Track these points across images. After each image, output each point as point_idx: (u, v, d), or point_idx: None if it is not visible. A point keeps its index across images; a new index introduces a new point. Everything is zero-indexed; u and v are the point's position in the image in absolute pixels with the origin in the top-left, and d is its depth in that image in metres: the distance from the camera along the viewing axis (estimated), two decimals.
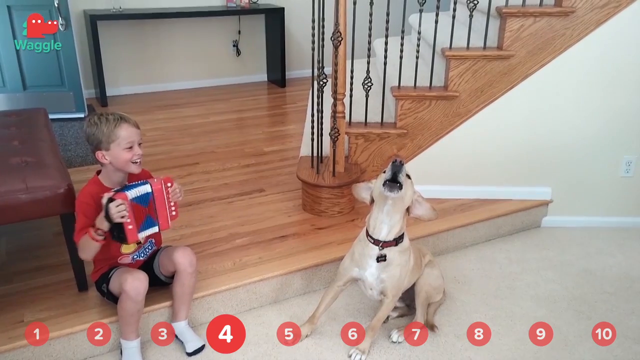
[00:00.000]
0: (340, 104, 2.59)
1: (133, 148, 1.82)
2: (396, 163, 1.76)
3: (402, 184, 1.76)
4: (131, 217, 1.74)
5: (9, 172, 1.95)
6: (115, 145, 1.80)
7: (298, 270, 2.28)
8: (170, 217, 1.88)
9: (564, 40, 2.57)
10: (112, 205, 1.69)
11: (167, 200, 1.85)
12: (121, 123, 1.80)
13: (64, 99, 4.12)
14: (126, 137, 1.80)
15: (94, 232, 1.75)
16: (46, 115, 2.72)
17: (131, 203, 1.73)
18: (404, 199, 1.81)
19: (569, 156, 2.80)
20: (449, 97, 2.67)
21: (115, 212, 1.69)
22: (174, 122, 4.15)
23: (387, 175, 1.77)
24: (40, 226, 2.51)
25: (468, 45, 2.63)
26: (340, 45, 2.45)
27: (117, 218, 1.70)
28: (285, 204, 2.80)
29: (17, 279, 2.16)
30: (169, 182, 1.84)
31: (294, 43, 5.38)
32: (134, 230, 1.76)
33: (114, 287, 1.88)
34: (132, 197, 1.74)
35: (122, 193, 1.72)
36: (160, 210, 1.83)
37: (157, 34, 4.86)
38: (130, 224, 1.74)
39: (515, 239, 2.81)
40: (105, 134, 1.79)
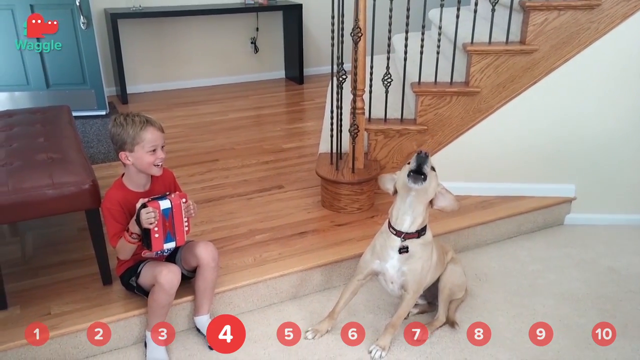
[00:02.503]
0: (360, 100, 2.59)
1: (156, 151, 1.84)
2: (421, 154, 1.76)
3: (426, 175, 1.75)
4: (159, 227, 1.77)
5: (36, 168, 1.99)
6: (139, 148, 1.82)
7: (318, 266, 2.28)
8: (185, 232, 1.88)
9: (589, 34, 2.53)
10: (143, 212, 1.73)
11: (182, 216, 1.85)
12: (147, 126, 1.82)
13: (86, 96, 4.17)
14: (151, 140, 1.82)
15: (130, 235, 1.80)
16: (70, 112, 2.77)
17: (161, 213, 1.76)
18: (428, 190, 1.80)
19: (594, 153, 2.76)
20: (470, 92, 2.65)
21: (145, 219, 1.73)
22: (193, 119, 4.18)
23: (412, 166, 1.76)
24: (65, 222, 2.55)
25: (490, 39, 2.60)
26: (360, 41, 2.45)
27: (145, 224, 1.74)
28: (305, 201, 2.80)
29: (43, 273, 2.20)
30: (183, 198, 1.85)
31: (312, 40, 5.38)
32: (160, 239, 1.79)
33: (145, 280, 1.91)
34: (163, 207, 1.77)
35: (155, 202, 1.76)
36: (178, 225, 1.84)
37: (176, 32, 4.90)
38: (157, 232, 1.78)
39: (538, 237, 2.78)
40: (130, 135, 1.81)
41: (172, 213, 1.80)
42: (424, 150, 1.78)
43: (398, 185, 1.86)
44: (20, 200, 1.87)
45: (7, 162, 2.04)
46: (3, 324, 1.91)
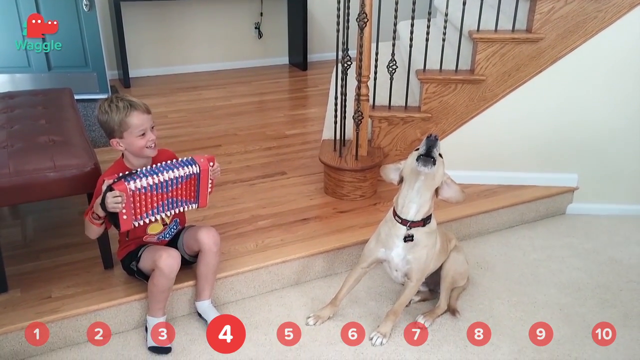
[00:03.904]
0: (365, 87, 2.57)
1: (146, 134, 1.81)
2: (431, 138, 1.75)
3: (435, 159, 1.75)
4: (127, 207, 1.70)
5: (37, 151, 1.98)
6: (127, 134, 1.80)
7: (320, 252, 2.28)
8: (207, 194, 1.89)
9: (596, 23, 2.50)
10: (109, 195, 1.67)
11: (208, 180, 1.85)
12: (131, 111, 1.78)
13: (88, 79, 4.14)
14: (138, 124, 1.79)
15: (91, 214, 1.77)
16: (72, 95, 2.75)
17: (133, 193, 1.70)
18: (435, 176, 1.80)
19: (597, 142, 2.74)
20: (476, 80, 2.63)
21: (111, 203, 1.67)
22: (196, 104, 4.16)
23: (422, 150, 1.76)
24: (66, 205, 2.54)
25: (496, 27, 2.58)
26: (366, 27, 2.42)
27: (110, 208, 1.68)
28: (307, 187, 2.80)
29: (44, 256, 2.20)
30: (211, 162, 1.85)
31: (316, 26, 5.33)
32: (129, 220, 1.74)
33: (145, 264, 1.91)
34: (134, 188, 1.69)
35: (122, 184, 1.68)
36: (203, 189, 1.84)
37: (180, 16, 4.85)
38: (125, 214, 1.71)
39: (540, 226, 2.77)
40: (116, 122, 1.78)
41: (200, 177, 1.80)
42: (433, 133, 1.77)
43: (405, 172, 1.85)
44: (21, 182, 1.86)
45: (8, 144, 2.02)
46: (3, 307, 1.91)
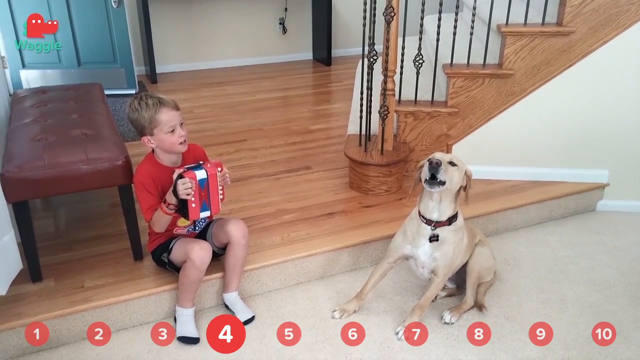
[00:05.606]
0: (391, 82, 2.56)
1: (175, 131, 1.85)
2: (432, 165, 1.74)
3: (443, 181, 1.75)
4: (196, 196, 1.78)
5: (71, 144, 2.03)
6: (158, 131, 1.83)
7: (345, 247, 2.29)
8: (220, 201, 1.89)
9: (629, 16, 2.45)
10: (180, 182, 1.75)
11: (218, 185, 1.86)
12: (160, 108, 1.82)
13: (116, 75, 4.22)
14: (167, 121, 1.83)
15: (166, 206, 1.82)
16: (102, 90, 2.80)
17: (197, 183, 1.78)
18: (451, 185, 1.80)
19: (629, 138, 2.68)
20: (504, 75, 2.60)
21: (182, 189, 1.75)
22: (221, 99, 4.19)
23: (426, 175, 1.77)
24: (97, 198, 2.60)
25: (526, 21, 2.54)
26: (393, 21, 2.41)
27: (182, 195, 1.75)
28: (332, 182, 2.80)
29: (76, 247, 2.25)
30: (219, 167, 1.86)
31: (341, 21, 5.32)
32: (197, 208, 1.81)
33: (177, 256, 1.94)
34: (200, 177, 1.78)
35: (191, 172, 1.77)
36: (213, 194, 1.85)
37: (206, 13, 4.90)
38: (194, 202, 1.79)
39: (569, 223, 2.73)
40: (146, 119, 1.82)
41: (208, 183, 1.81)
42: (434, 159, 1.75)
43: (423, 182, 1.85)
44: (55, 174, 1.90)
45: (42, 138, 2.08)
46: (38, 295, 1.96)
